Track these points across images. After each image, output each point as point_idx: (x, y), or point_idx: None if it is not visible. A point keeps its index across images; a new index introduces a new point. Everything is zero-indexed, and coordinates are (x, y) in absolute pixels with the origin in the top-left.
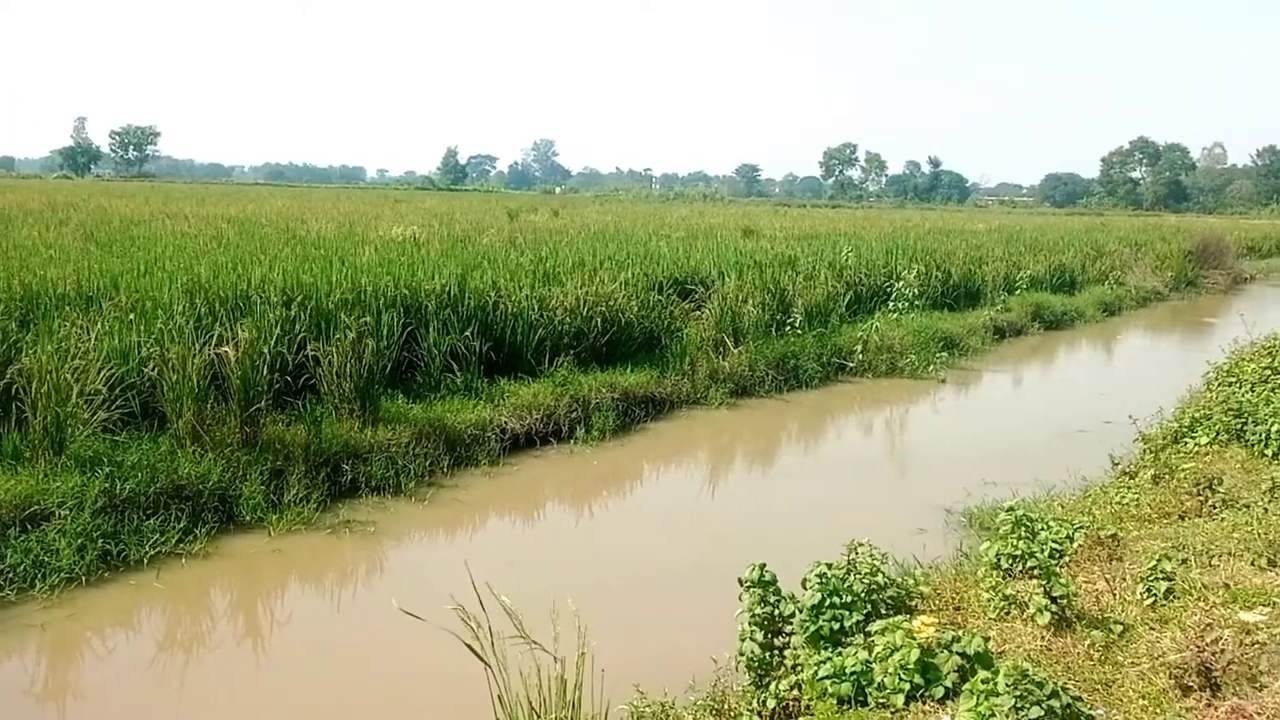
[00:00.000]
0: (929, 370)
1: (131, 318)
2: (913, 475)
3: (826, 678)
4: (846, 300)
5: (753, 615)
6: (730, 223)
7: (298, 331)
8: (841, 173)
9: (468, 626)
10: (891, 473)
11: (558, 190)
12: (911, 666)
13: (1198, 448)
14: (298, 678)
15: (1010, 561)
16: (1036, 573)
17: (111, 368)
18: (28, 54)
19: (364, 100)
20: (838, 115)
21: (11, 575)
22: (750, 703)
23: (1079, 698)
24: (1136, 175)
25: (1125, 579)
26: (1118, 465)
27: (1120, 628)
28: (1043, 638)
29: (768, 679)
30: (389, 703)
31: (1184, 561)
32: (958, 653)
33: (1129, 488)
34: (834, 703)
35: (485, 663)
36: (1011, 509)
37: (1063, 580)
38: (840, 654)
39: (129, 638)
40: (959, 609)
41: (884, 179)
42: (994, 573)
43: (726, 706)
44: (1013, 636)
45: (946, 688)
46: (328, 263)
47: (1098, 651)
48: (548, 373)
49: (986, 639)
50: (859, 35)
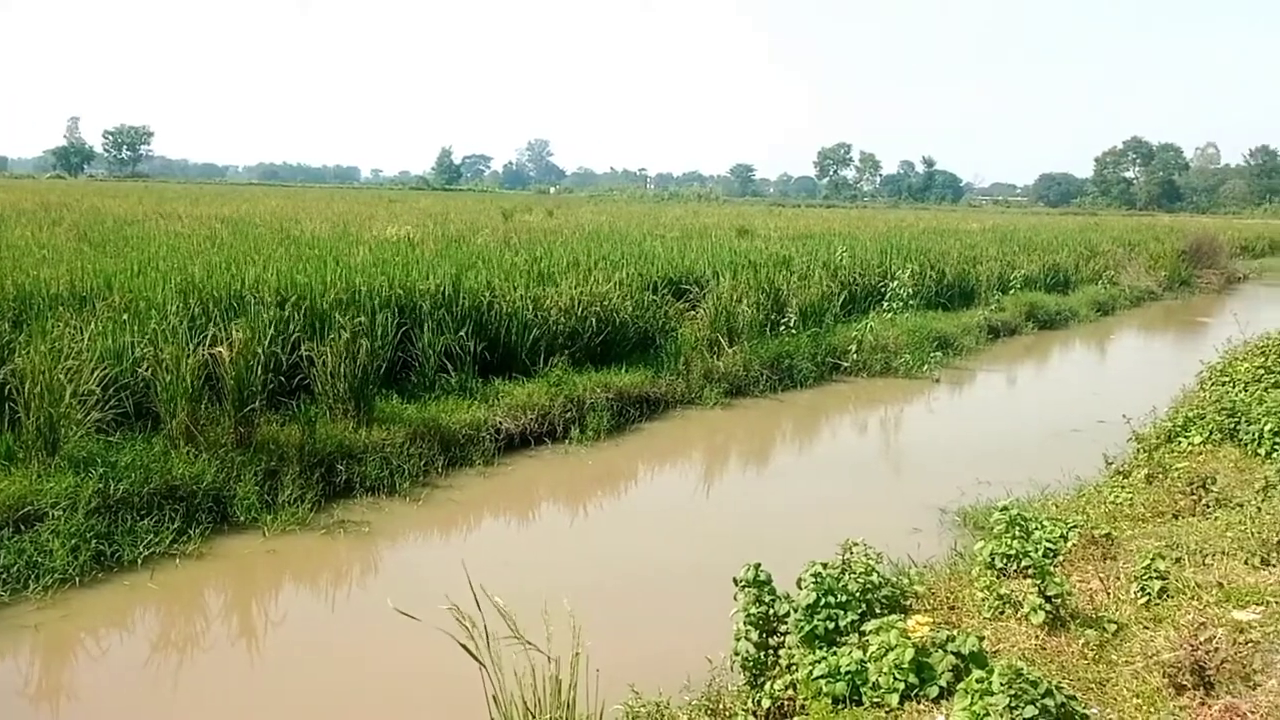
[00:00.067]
0: (923, 370)
1: (125, 318)
2: (907, 475)
3: (821, 677)
4: (841, 300)
5: (748, 615)
6: (725, 222)
7: (292, 331)
8: (836, 173)
9: (463, 627)
10: (886, 472)
11: (552, 190)
12: (906, 666)
13: (1191, 447)
14: (292, 678)
15: (1004, 561)
16: (1031, 572)
17: (105, 368)
18: (21, 54)
19: (358, 100)
20: (832, 115)
21: (5, 576)
22: (745, 702)
23: (1073, 697)
24: (1130, 175)
25: (1119, 578)
26: (1111, 464)
27: (1114, 627)
28: (1037, 637)
29: (763, 679)
30: (384, 703)
31: (1178, 560)
32: (952, 652)
33: (1123, 487)
34: (829, 702)
35: (480, 663)
36: (1006, 508)
37: (1057, 579)
38: (835, 653)
39: (123, 638)
40: (954, 608)
41: (878, 179)
42: (988, 572)
43: (721, 706)
44: (1007, 636)
45: (941, 687)
46: (322, 263)
47: (1092, 650)
48: (542, 373)
49: (981, 638)
50: (854, 36)
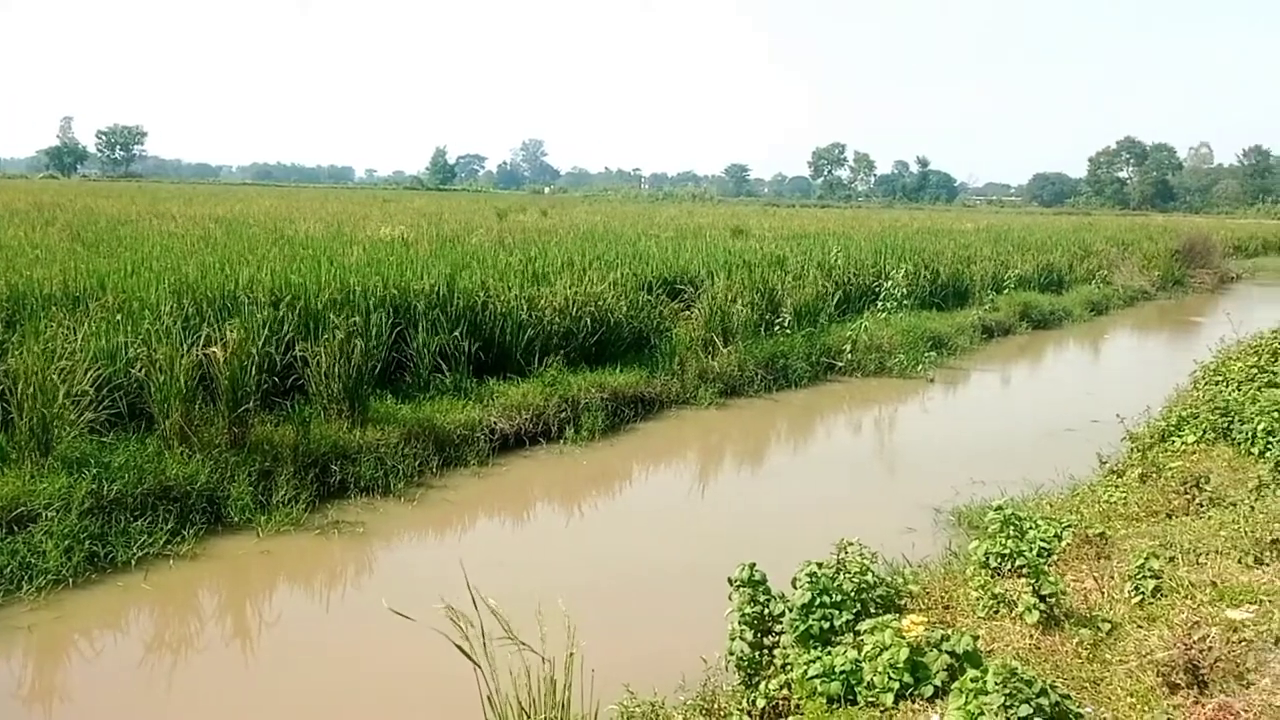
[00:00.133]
0: (917, 369)
1: (118, 318)
2: (901, 474)
3: (816, 677)
4: (835, 300)
5: (742, 615)
6: (719, 222)
7: (286, 332)
8: (830, 173)
9: (457, 627)
10: (880, 472)
11: (546, 190)
12: (901, 665)
13: (1185, 446)
14: (287, 679)
15: (999, 560)
16: (1025, 571)
17: (98, 368)
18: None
19: (352, 100)
20: (826, 115)
21: None
22: (740, 702)
23: (1067, 696)
24: (1124, 175)
25: (1113, 577)
26: (1105, 464)
27: (1108, 626)
28: (1031, 636)
29: (757, 678)
30: (379, 704)
31: (1171, 560)
32: (947, 651)
33: (1117, 486)
34: (823, 702)
35: (475, 663)
36: (1000, 508)
37: (1051, 579)
38: (830, 653)
39: (117, 640)
40: (948, 608)
41: (872, 179)
42: (983, 571)
43: (716, 706)
44: (1001, 635)
45: (936, 686)
46: (316, 263)
47: (1086, 649)
48: (537, 373)
49: (975, 638)
50: (849, 36)
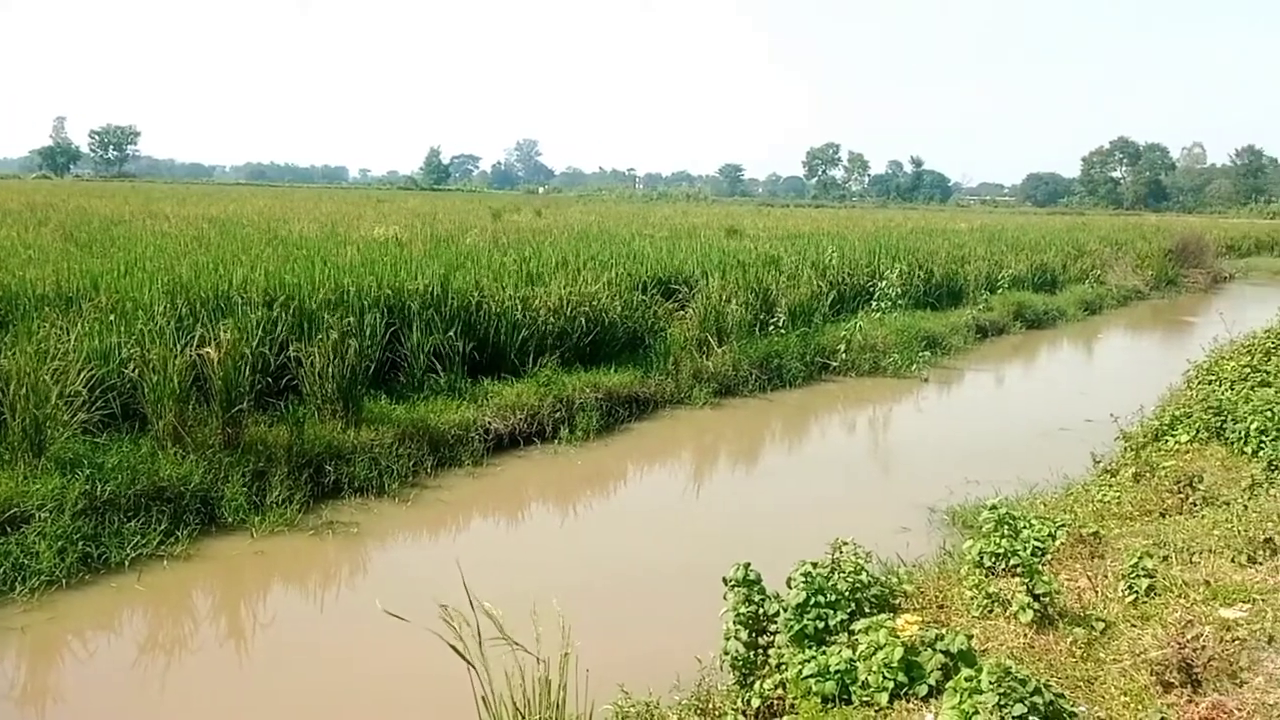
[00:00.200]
0: (912, 369)
1: (112, 318)
2: (896, 474)
3: (811, 676)
4: (830, 300)
5: (737, 614)
6: (714, 222)
7: (280, 332)
8: (824, 172)
9: (451, 628)
10: (875, 472)
11: (541, 190)
12: (895, 665)
13: (1178, 445)
14: (281, 680)
15: (993, 560)
16: (1019, 571)
17: (91, 369)
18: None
19: (346, 100)
20: (819, 115)
21: None
22: (735, 702)
23: (1061, 695)
24: (1117, 175)
25: (1107, 576)
26: (1099, 463)
27: (1102, 625)
28: (1025, 635)
29: (752, 678)
30: (373, 704)
31: (1165, 559)
32: (941, 651)
33: (1110, 486)
34: (818, 701)
35: (470, 664)
36: (994, 507)
37: (1045, 578)
38: (824, 653)
39: (110, 640)
40: (942, 607)
41: (867, 179)
42: (977, 571)
43: (711, 706)
44: (996, 634)
45: (930, 686)
46: (310, 263)
47: (1080, 649)
48: (531, 373)
49: (970, 637)
50: (843, 36)
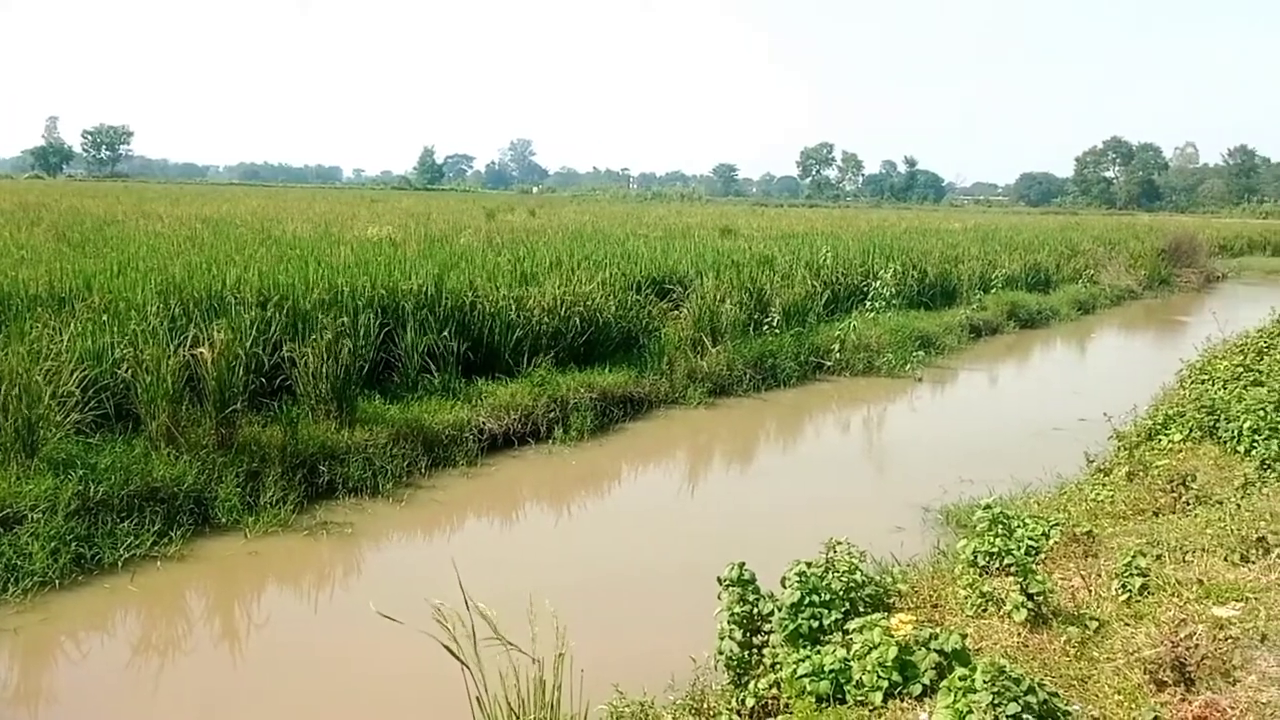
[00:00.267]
0: (906, 369)
1: (105, 319)
2: (890, 474)
3: (805, 676)
4: (824, 299)
5: (732, 614)
6: (708, 222)
7: (273, 332)
8: (818, 172)
9: (445, 628)
10: (869, 471)
11: (535, 190)
12: (889, 664)
13: (1171, 445)
14: (275, 681)
15: (987, 559)
16: (1013, 570)
17: (84, 369)
18: None
19: (340, 100)
20: (813, 115)
21: None
22: (729, 701)
23: (1055, 693)
24: (1110, 175)
25: (1100, 575)
26: (1093, 463)
27: (1096, 624)
28: (1019, 634)
29: (747, 677)
30: (368, 705)
31: (1158, 557)
32: (935, 650)
33: (1104, 485)
34: (812, 701)
35: (464, 664)
36: (988, 507)
37: (1039, 577)
38: (819, 652)
39: (103, 641)
40: (936, 606)
41: (860, 179)
42: (971, 570)
43: (706, 705)
44: (990, 633)
45: (924, 685)
46: (304, 263)
47: (1073, 647)
48: (526, 373)
49: (964, 636)
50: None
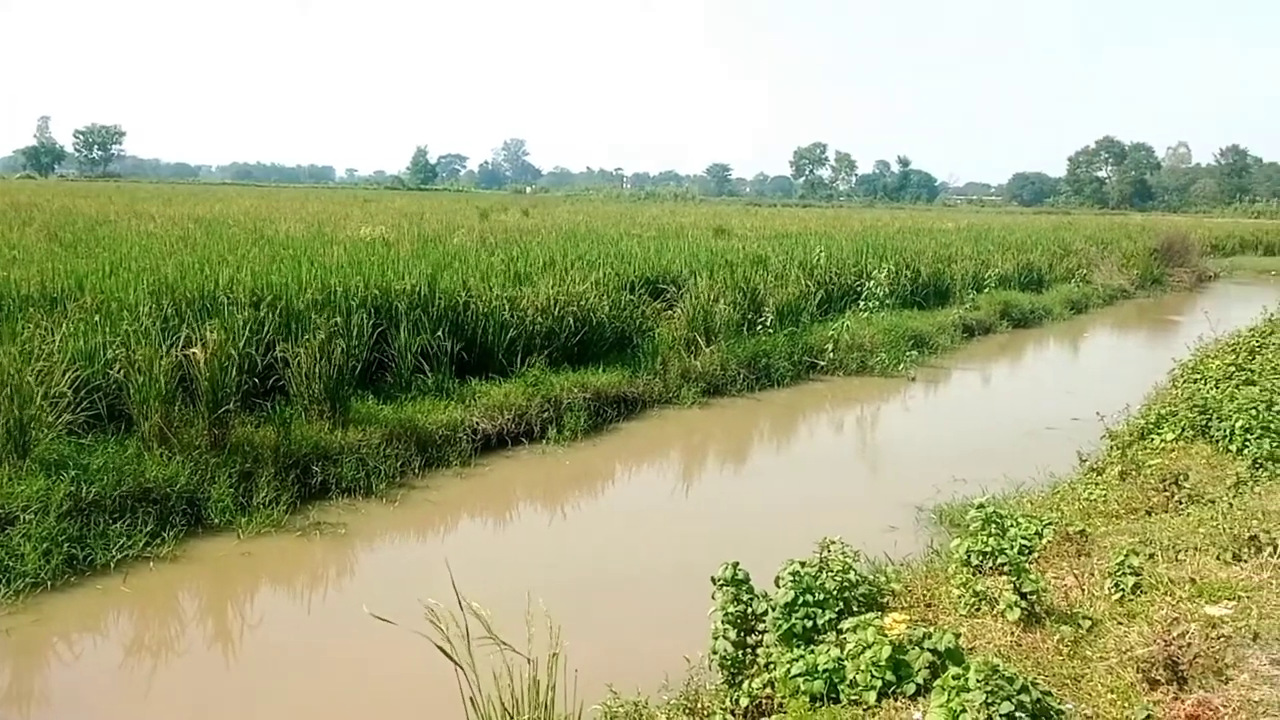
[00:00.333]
0: (899, 368)
1: (97, 319)
2: (883, 473)
3: (799, 675)
4: (817, 299)
5: (725, 614)
6: (701, 222)
7: (266, 332)
8: (812, 172)
9: (439, 628)
10: (863, 471)
11: (528, 190)
12: (883, 663)
13: (1164, 444)
14: (268, 682)
15: (980, 558)
16: (1006, 569)
17: (77, 370)
18: None
19: (333, 99)
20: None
21: None
22: (723, 701)
23: (1048, 692)
24: (1103, 174)
25: (1093, 574)
26: (1085, 462)
27: (1089, 623)
28: (1012, 633)
29: (740, 677)
30: (361, 706)
31: (1151, 557)
32: (929, 649)
33: (1097, 484)
34: (806, 700)
35: (457, 664)
36: (981, 506)
37: (1032, 576)
38: (813, 651)
39: (96, 643)
40: (930, 606)
41: (854, 178)
42: (964, 569)
43: (700, 705)
44: (983, 632)
45: (918, 684)
46: (297, 263)
47: (1066, 646)
48: (519, 373)
49: (957, 635)
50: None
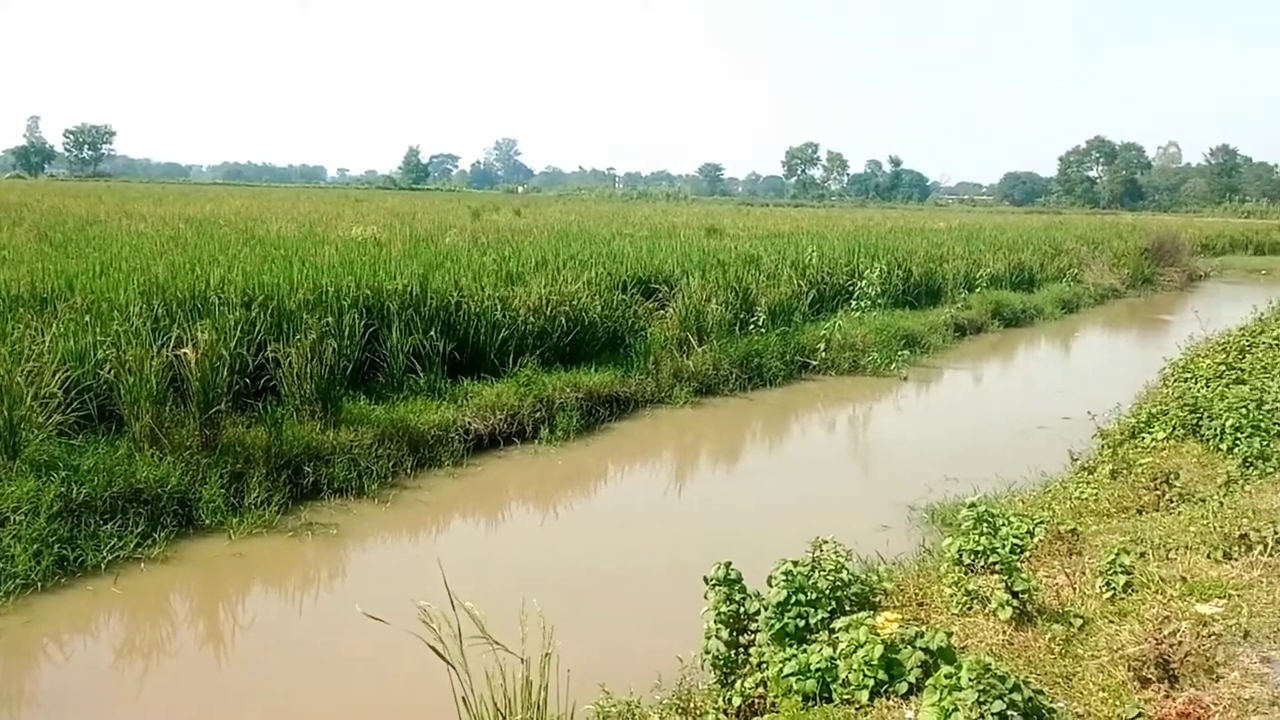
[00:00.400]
0: (891, 368)
1: (87, 319)
2: (876, 472)
3: (791, 675)
4: (809, 299)
5: (718, 613)
6: (694, 222)
7: (258, 332)
8: (804, 172)
9: (431, 628)
10: (855, 470)
11: (520, 189)
12: (875, 663)
13: (1155, 443)
14: (261, 683)
15: (972, 557)
16: (998, 568)
17: (67, 370)
18: None
19: (324, 99)
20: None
21: None
22: (716, 701)
23: (1040, 691)
24: (1093, 174)
25: (1085, 573)
26: (1077, 461)
27: (1080, 621)
28: (1004, 632)
29: (733, 677)
30: (354, 706)
31: (1142, 555)
32: (921, 648)
33: (1088, 483)
34: (799, 699)
35: (450, 664)
36: (973, 505)
37: (1024, 575)
38: (805, 651)
39: (87, 644)
40: (922, 605)
41: (845, 178)
42: (956, 568)
43: (692, 705)
44: (975, 631)
45: (910, 683)
46: (288, 263)
47: (1058, 645)
48: (511, 373)
49: (949, 634)
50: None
